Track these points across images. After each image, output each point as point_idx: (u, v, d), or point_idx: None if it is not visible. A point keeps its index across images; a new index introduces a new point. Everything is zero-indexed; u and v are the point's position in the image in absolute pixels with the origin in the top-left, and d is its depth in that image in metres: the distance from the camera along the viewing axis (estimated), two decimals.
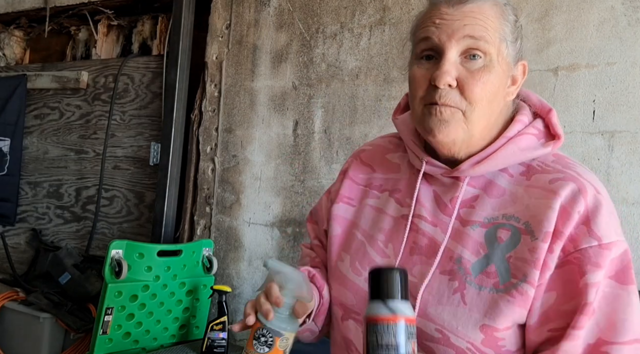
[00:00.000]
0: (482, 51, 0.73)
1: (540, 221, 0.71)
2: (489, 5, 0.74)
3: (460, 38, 0.72)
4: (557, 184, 0.73)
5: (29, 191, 2.82)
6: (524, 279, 0.70)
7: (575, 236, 0.70)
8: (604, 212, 0.72)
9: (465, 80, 0.72)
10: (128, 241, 1.81)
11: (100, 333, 1.73)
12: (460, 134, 0.74)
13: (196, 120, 2.34)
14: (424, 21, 0.76)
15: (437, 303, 0.73)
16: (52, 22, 2.80)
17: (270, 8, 2.19)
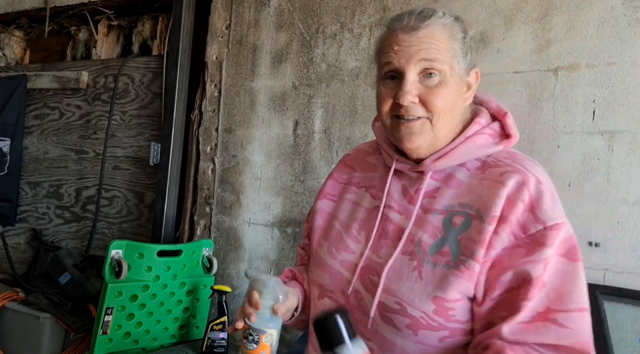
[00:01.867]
0: (437, 70, 0.85)
1: (489, 207, 0.82)
2: (439, 29, 0.86)
3: (417, 61, 0.85)
4: (505, 176, 0.84)
5: (29, 191, 2.82)
6: (470, 256, 0.81)
7: (523, 223, 0.81)
8: (547, 199, 0.82)
9: (426, 96, 0.85)
10: (128, 241, 1.81)
11: (100, 333, 1.73)
12: (427, 140, 0.88)
13: (196, 120, 2.34)
14: (385, 47, 0.89)
15: (398, 279, 0.85)
16: (52, 22, 2.80)
17: (270, 8, 2.19)
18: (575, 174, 1.63)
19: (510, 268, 0.80)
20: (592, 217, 1.60)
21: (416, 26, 0.85)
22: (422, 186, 0.90)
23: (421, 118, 0.86)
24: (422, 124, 0.86)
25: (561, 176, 1.65)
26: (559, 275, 0.79)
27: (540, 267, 0.78)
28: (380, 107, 0.90)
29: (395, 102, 0.86)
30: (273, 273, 2.05)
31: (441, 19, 0.87)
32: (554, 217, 0.80)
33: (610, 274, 1.57)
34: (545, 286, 0.78)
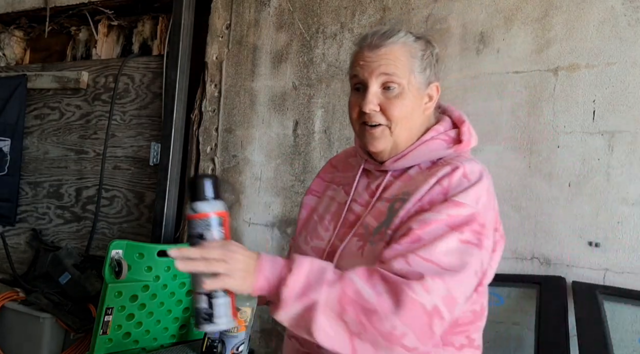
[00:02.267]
0: (395, 83, 0.98)
1: (416, 191, 0.95)
2: (398, 47, 0.99)
3: (378, 75, 0.98)
4: (438, 169, 0.97)
5: (29, 191, 2.82)
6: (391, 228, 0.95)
7: (432, 200, 0.93)
8: (461, 186, 0.93)
9: (385, 105, 0.98)
10: (128, 241, 1.81)
11: (100, 333, 1.73)
12: (388, 145, 1.01)
13: (196, 120, 2.34)
14: (353, 62, 1.04)
15: (347, 257, 0.98)
16: (52, 22, 2.80)
17: (270, 8, 2.19)
18: (575, 174, 1.63)
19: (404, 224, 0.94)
20: (592, 218, 1.60)
21: (378, 44, 0.99)
22: (382, 182, 1.03)
23: (381, 125, 0.99)
24: (382, 131, 1.00)
25: (561, 176, 1.65)
26: (434, 234, 0.90)
27: (418, 224, 0.91)
28: (350, 114, 1.04)
29: (360, 110, 1.00)
30: None
31: (402, 38, 0.99)
32: (455, 196, 0.92)
33: (610, 274, 1.57)
34: (420, 239, 0.90)
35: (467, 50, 1.81)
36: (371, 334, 0.83)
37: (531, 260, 1.67)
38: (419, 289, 0.84)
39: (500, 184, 1.73)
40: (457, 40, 1.82)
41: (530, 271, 1.66)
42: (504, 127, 1.73)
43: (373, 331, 0.83)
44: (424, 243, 0.89)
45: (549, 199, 1.65)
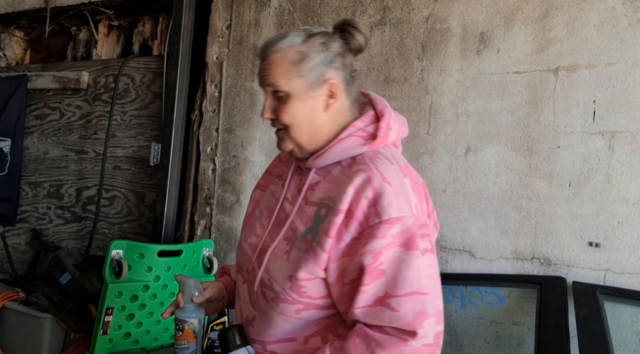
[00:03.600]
0: (280, 90, 1.01)
1: (338, 200, 0.95)
2: (278, 56, 1.01)
3: (266, 85, 1.03)
4: (355, 174, 0.97)
5: (29, 191, 2.82)
6: (318, 244, 0.95)
7: (366, 215, 0.93)
8: (387, 196, 0.93)
9: (277, 111, 1.02)
10: (128, 241, 1.81)
11: (100, 333, 1.73)
12: (291, 146, 1.04)
13: (196, 120, 2.34)
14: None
15: (275, 260, 1.00)
16: (52, 22, 2.80)
17: (270, 8, 2.19)
18: (575, 174, 1.63)
19: (353, 257, 0.93)
20: (592, 218, 1.60)
21: (262, 55, 1.05)
22: (307, 180, 1.04)
23: (281, 129, 1.03)
24: (283, 134, 1.04)
25: (561, 176, 1.65)
26: (396, 263, 0.91)
27: (370, 257, 0.91)
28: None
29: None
30: None
31: (284, 45, 1.01)
32: (390, 212, 0.92)
33: (610, 274, 1.57)
34: (384, 273, 0.91)
35: (467, 51, 1.81)
36: None
37: (531, 260, 1.67)
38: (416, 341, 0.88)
39: (501, 184, 1.73)
40: (457, 40, 1.82)
41: (531, 271, 1.66)
42: (504, 127, 1.73)
43: None
44: (391, 278, 0.90)
45: (549, 199, 1.65)
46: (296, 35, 1.03)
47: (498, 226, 1.72)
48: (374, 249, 0.90)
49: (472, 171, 1.77)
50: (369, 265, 0.90)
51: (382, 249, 0.90)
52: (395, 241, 0.91)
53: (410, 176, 0.99)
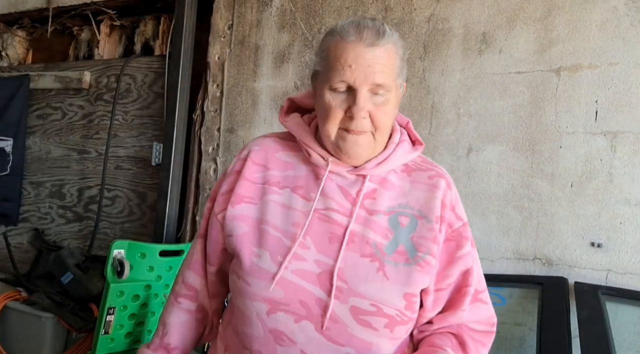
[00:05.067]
0: (386, 90, 0.89)
1: (431, 208, 0.92)
2: (391, 48, 0.89)
3: (370, 83, 0.87)
4: (435, 180, 0.94)
5: (31, 191, 2.82)
6: (427, 252, 0.89)
7: (451, 219, 0.93)
8: (459, 200, 0.97)
9: (374, 112, 0.89)
10: (130, 241, 1.81)
11: (102, 333, 1.73)
12: (367, 152, 0.92)
13: (198, 120, 2.34)
14: (340, 58, 0.88)
15: (364, 281, 0.87)
16: (54, 22, 2.81)
17: (272, 8, 2.19)
18: (577, 174, 1.63)
19: (450, 262, 0.92)
20: (594, 218, 1.60)
21: (374, 43, 0.87)
22: (362, 187, 0.93)
23: (367, 132, 0.90)
24: (367, 137, 0.90)
25: (563, 176, 1.64)
26: (476, 260, 0.95)
27: (470, 258, 0.93)
28: (329, 118, 0.89)
29: (346, 115, 0.88)
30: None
31: (392, 37, 0.89)
32: (464, 216, 0.96)
33: (612, 275, 1.57)
34: (475, 271, 0.94)
35: (469, 51, 1.80)
36: None
37: (533, 260, 1.67)
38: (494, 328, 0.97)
39: (503, 184, 1.73)
40: (459, 40, 1.82)
41: (532, 272, 1.66)
42: (506, 128, 1.72)
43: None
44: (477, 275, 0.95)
45: (551, 200, 1.65)
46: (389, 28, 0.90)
47: (500, 226, 1.71)
48: (469, 250, 0.93)
49: (474, 171, 1.76)
50: (471, 267, 0.93)
51: (471, 250, 0.94)
52: (472, 242, 0.96)
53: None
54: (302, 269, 0.88)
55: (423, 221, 0.91)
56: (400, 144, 0.96)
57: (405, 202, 0.93)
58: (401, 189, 0.95)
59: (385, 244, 0.89)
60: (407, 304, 0.88)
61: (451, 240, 0.93)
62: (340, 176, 0.94)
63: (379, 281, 0.86)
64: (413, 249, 0.89)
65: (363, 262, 0.88)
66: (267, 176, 0.96)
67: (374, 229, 0.90)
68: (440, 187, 0.94)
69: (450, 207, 0.94)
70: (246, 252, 0.91)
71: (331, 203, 0.92)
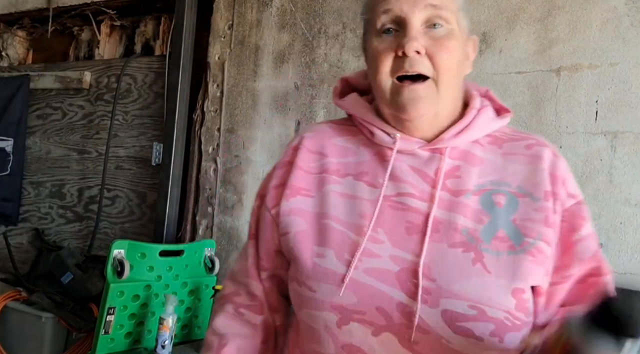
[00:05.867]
0: (444, 19, 0.74)
1: (537, 183, 0.75)
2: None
3: (422, 7, 0.72)
4: (537, 149, 0.78)
5: (31, 191, 2.82)
6: (539, 238, 0.72)
7: (564, 196, 0.75)
8: (570, 173, 0.79)
9: (432, 48, 0.73)
10: (130, 241, 1.81)
11: (102, 333, 1.73)
12: (432, 108, 0.75)
13: (198, 120, 2.34)
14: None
15: (459, 278, 0.68)
16: (55, 22, 2.81)
17: (272, 8, 2.19)
18: (577, 174, 1.63)
19: (564, 250, 0.74)
20: (594, 218, 1.59)
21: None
22: (441, 165, 0.75)
23: (427, 81, 0.73)
24: (428, 87, 0.73)
25: None
26: (597, 242, 0.78)
27: (592, 241, 0.76)
28: (379, 66, 0.74)
29: (397, 55, 0.73)
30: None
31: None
32: (579, 191, 0.78)
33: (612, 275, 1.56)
34: (601, 258, 0.77)
35: None
36: None
37: None
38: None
39: None
40: None
41: None
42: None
43: None
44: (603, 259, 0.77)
45: None
46: None
47: None
48: (590, 231, 0.76)
49: None
50: (597, 249, 0.76)
51: (592, 230, 0.77)
52: (590, 225, 0.78)
53: None
54: (376, 267, 0.71)
55: (526, 200, 0.73)
56: (483, 110, 0.80)
57: (498, 179, 0.75)
58: (492, 163, 0.77)
59: (480, 229, 0.71)
60: (518, 303, 0.69)
61: (564, 221, 0.75)
62: (412, 154, 0.77)
63: (478, 276, 0.68)
64: (518, 234, 0.71)
65: (454, 253, 0.70)
66: (324, 164, 0.81)
67: (463, 213, 0.73)
68: (544, 157, 0.76)
69: (561, 181, 0.75)
70: (306, 252, 0.76)
71: (405, 187, 0.75)
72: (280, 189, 0.82)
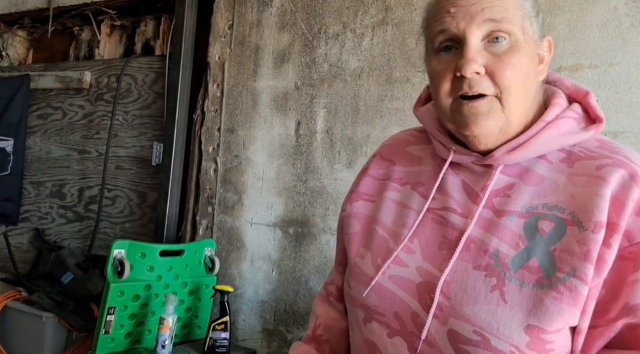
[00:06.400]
0: (505, 32, 0.69)
1: (589, 210, 0.65)
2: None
3: (481, 22, 0.68)
4: (606, 171, 0.67)
5: (31, 191, 2.82)
6: (572, 274, 0.64)
7: (629, 229, 0.64)
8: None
9: (494, 65, 0.68)
10: (130, 241, 1.81)
11: (102, 333, 1.74)
12: (498, 124, 0.70)
13: (198, 120, 2.34)
14: (437, 12, 0.72)
15: (473, 301, 0.67)
16: (55, 22, 2.81)
17: (272, 8, 2.19)
18: None
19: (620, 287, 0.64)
20: None
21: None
22: (490, 182, 0.72)
23: (488, 96, 0.69)
24: (490, 103, 0.69)
25: None
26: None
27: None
28: (437, 86, 0.72)
29: (455, 76, 0.70)
30: (275, 273, 2.05)
31: None
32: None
33: None
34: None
35: None
36: None
37: None
38: None
39: None
40: None
41: None
42: None
43: None
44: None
45: None
46: None
47: None
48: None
49: None
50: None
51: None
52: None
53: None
54: (401, 276, 0.73)
55: (574, 229, 0.65)
56: (556, 122, 0.72)
57: (554, 202, 0.68)
58: (552, 184, 0.70)
59: (512, 256, 0.67)
60: (532, 341, 0.64)
61: (626, 258, 0.64)
62: (469, 169, 0.76)
63: (492, 303, 0.65)
64: (551, 266, 0.65)
65: (475, 275, 0.68)
66: (390, 171, 0.84)
67: (499, 235, 0.69)
68: (610, 180, 0.66)
69: (634, 209, 0.64)
70: (353, 252, 0.81)
71: (450, 202, 0.74)
72: (352, 194, 0.89)
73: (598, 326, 0.65)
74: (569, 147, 0.73)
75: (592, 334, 0.66)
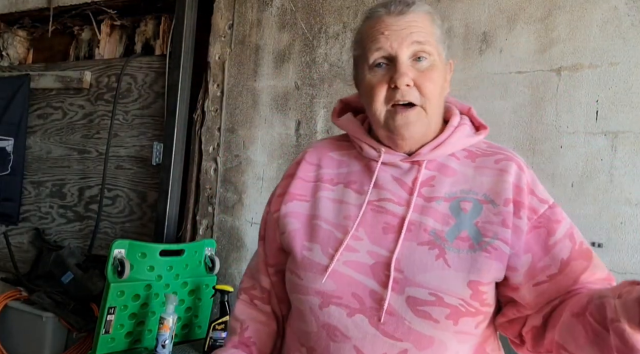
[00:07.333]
0: (427, 53, 0.86)
1: (498, 192, 0.85)
2: (423, 14, 0.88)
3: (409, 44, 0.85)
4: (504, 163, 0.88)
5: (32, 191, 2.82)
6: (495, 237, 0.83)
7: (530, 205, 0.85)
8: (538, 182, 0.89)
9: (419, 79, 0.85)
10: (130, 241, 1.81)
11: (102, 332, 1.74)
12: (422, 129, 0.88)
13: (199, 120, 2.34)
14: (373, 34, 0.88)
15: (423, 270, 0.82)
16: (55, 22, 2.81)
17: (272, 8, 2.19)
18: (578, 174, 1.63)
19: (545, 251, 0.83)
20: (594, 218, 1.60)
21: (403, 11, 0.87)
22: (419, 175, 0.88)
23: (416, 107, 0.86)
24: (418, 113, 0.86)
25: (564, 176, 1.64)
26: (581, 240, 0.86)
27: (567, 241, 0.84)
28: (373, 96, 0.87)
29: (390, 87, 0.86)
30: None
31: (423, 7, 0.90)
32: (549, 197, 0.87)
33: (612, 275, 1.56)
34: (577, 255, 0.84)
35: (469, 50, 1.80)
36: None
37: None
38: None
39: None
40: (460, 40, 1.82)
41: None
42: (506, 127, 1.72)
43: None
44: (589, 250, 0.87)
45: None
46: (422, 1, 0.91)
47: None
48: (565, 233, 0.84)
49: None
50: (573, 249, 0.84)
51: (570, 228, 0.85)
52: (568, 224, 0.86)
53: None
54: (354, 260, 0.85)
55: (489, 206, 0.84)
56: (460, 128, 0.91)
57: (468, 188, 0.87)
58: (463, 175, 0.89)
59: (446, 230, 0.84)
60: (474, 293, 0.81)
61: (539, 227, 0.84)
62: (395, 166, 0.91)
63: (438, 269, 0.81)
64: (478, 235, 0.83)
65: (420, 250, 0.83)
66: (320, 174, 0.97)
67: (433, 216, 0.85)
68: (510, 171, 0.86)
69: (528, 191, 0.85)
70: (298, 247, 0.90)
71: (385, 194, 0.89)
72: (282, 196, 0.98)
73: (543, 282, 0.83)
74: (468, 147, 0.92)
75: (541, 289, 0.83)
